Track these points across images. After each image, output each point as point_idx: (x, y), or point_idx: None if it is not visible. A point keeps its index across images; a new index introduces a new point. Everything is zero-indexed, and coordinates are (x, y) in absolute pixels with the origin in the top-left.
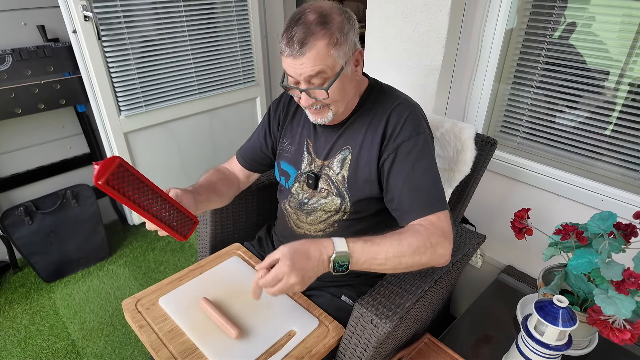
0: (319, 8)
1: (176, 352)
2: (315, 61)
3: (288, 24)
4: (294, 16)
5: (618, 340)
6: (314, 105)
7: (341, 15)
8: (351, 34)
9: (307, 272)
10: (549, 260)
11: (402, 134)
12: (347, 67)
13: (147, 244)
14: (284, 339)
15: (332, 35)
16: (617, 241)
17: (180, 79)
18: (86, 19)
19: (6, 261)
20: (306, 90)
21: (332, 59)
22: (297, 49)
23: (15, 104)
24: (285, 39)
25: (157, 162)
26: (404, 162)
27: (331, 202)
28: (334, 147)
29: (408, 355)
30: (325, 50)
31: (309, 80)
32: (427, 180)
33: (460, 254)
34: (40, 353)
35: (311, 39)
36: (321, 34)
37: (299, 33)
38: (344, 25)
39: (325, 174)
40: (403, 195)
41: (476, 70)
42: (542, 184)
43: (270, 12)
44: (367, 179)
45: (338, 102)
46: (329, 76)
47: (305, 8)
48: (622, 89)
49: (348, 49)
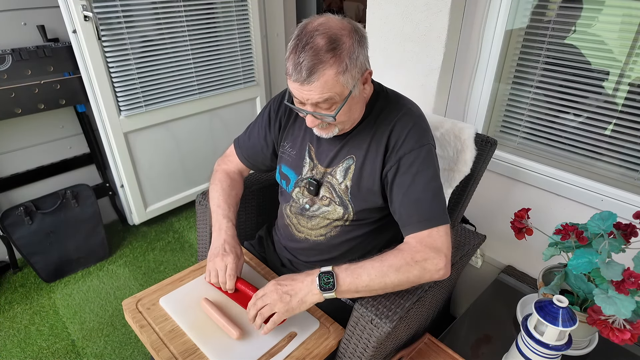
0: (329, 30)
1: (177, 352)
2: (323, 90)
3: (295, 45)
4: (301, 35)
5: (618, 340)
6: (319, 124)
7: (351, 37)
8: (361, 57)
9: (291, 292)
10: (549, 260)
11: (405, 145)
12: (355, 90)
13: (147, 244)
14: (284, 340)
15: (342, 63)
16: (617, 241)
17: (180, 79)
18: (86, 19)
19: (6, 261)
20: (312, 113)
21: (340, 86)
22: (305, 77)
23: (15, 104)
24: (292, 62)
25: (157, 162)
26: (405, 174)
27: (334, 210)
28: (338, 155)
29: (408, 355)
30: (334, 78)
31: (316, 104)
32: (427, 193)
33: (460, 254)
34: (40, 353)
35: (320, 67)
36: (330, 62)
37: (307, 60)
38: (354, 49)
39: (328, 182)
40: (402, 207)
41: (476, 70)
42: (542, 184)
43: (270, 12)
44: (371, 190)
45: (345, 122)
46: (337, 101)
47: (314, 28)
48: (622, 89)
49: (357, 73)
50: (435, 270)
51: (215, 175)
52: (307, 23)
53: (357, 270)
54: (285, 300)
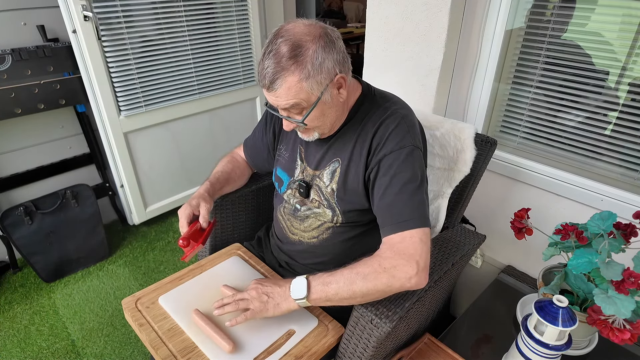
0: (293, 37)
1: (175, 350)
2: (287, 96)
3: (263, 50)
4: (268, 43)
5: (618, 340)
6: (296, 128)
7: (316, 42)
8: (327, 62)
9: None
10: (549, 260)
11: (385, 147)
12: (325, 94)
13: (147, 244)
14: (283, 338)
15: (304, 69)
16: (617, 241)
17: (180, 79)
18: (86, 19)
19: (6, 261)
20: (285, 117)
21: (305, 92)
22: (269, 84)
23: (15, 104)
24: (259, 69)
25: (157, 162)
26: (384, 176)
27: (323, 212)
28: (324, 157)
29: (408, 355)
30: (297, 85)
31: (286, 109)
32: (402, 195)
33: (460, 254)
34: (40, 353)
35: (281, 75)
36: (291, 69)
37: (270, 67)
38: (318, 55)
39: (316, 185)
40: (379, 210)
41: (476, 70)
42: (542, 183)
43: (270, 12)
44: (356, 191)
45: (320, 127)
46: (306, 107)
47: (279, 34)
48: (622, 88)
49: (323, 79)
50: (406, 279)
51: None
52: (278, 29)
53: (328, 279)
54: (262, 300)
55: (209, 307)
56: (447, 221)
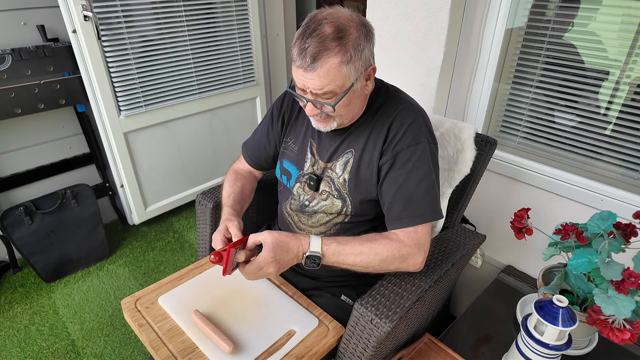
0: (337, 20)
1: (176, 350)
2: (325, 79)
3: (303, 32)
4: (309, 23)
5: (618, 340)
6: (318, 115)
7: (359, 30)
8: (366, 50)
9: (284, 264)
10: (549, 260)
11: (402, 141)
12: (357, 83)
13: (147, 244)
14: (283, 338)
15: (347, 52)
16: (617, 241)
17: (180, 79)
18: (86, 19)
19: (6, 261)
20: (313, 101)
21: (342, 77)
22: (309, 63)
23: (15, 104)
24: (297, 48)
25: (157, 162)
26: (400, 169)
27: (332, 204)
28: (338, 150)
29: (408, 355)
30: (337, 67)
31: (317, 93)
32: (420, 190)
33: (460, 254)
34: (40, 353)
35: (324, 54)
36: (335, 50)
37: (312, 46)
38: (360, 41)
39: (328, 176)
40: (395, 202)
41: (476, 70)
42: (542, 183)
43: (270, 12)
44: (369, 181)
45: (343, 116)
46: (338, 93)
47: (323, 17)
48: (622, 88)
49: (360, 66)
50: (413, 265)
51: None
52: (316, 12)
53: (345, 251)
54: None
55: (208, 308)
56: (447, 221)
